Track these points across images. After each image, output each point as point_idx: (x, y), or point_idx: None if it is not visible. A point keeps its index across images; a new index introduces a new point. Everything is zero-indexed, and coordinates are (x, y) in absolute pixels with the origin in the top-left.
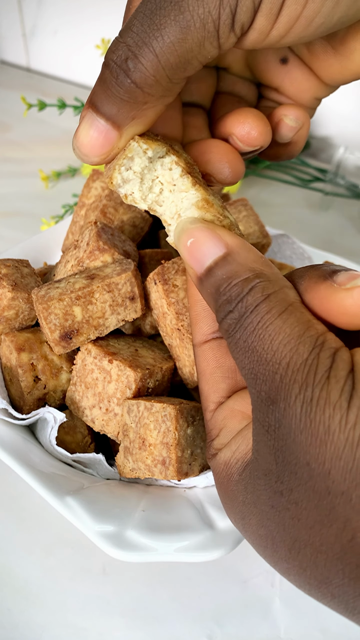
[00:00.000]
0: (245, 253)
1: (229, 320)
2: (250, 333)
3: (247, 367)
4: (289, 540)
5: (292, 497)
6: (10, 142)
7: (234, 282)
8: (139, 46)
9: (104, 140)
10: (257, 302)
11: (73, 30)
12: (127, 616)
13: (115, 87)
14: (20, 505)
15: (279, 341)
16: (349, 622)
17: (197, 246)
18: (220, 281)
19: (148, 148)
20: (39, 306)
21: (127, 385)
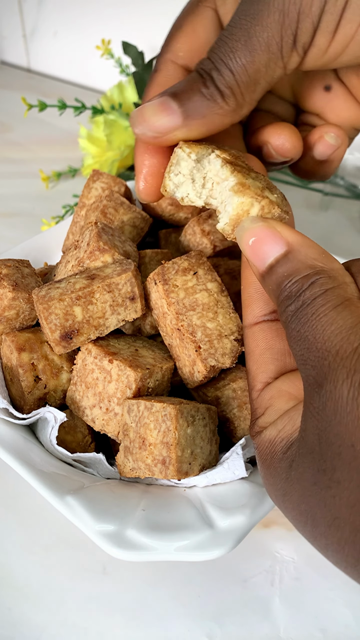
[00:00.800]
0: (306, 249)
1: (288, 312)
2: (304, 323)
3: (298, 354)
4: (329, 517)
5: (335, 476)
6: (10, 142)
7: (294, 279)
8: (219, 63)
9: (166, 120)
10: (314, 296)
11: (73, 31)
12: (127, 615)
13: (199, 87)
14: (21, 504)
15: (331, 331)
16: (349, 622)
17: (259, 245)
18: (281, 278)
19: (191, 152)
20: (39, 306)
21: (127, 385)
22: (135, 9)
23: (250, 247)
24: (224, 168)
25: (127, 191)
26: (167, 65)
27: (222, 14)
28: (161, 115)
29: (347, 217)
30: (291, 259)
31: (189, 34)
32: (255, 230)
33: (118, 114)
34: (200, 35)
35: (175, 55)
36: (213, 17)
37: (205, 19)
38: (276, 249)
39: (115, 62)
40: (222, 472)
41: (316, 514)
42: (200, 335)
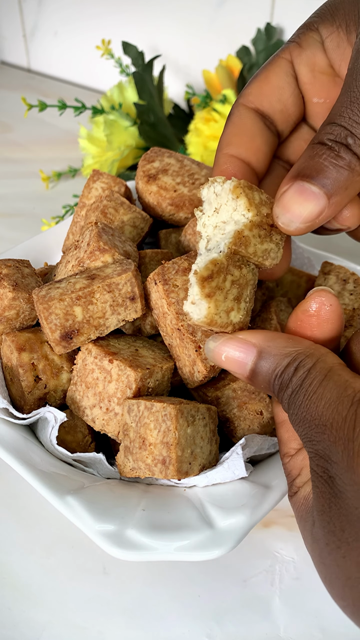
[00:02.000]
0: (274, 342)
1: (284, 401)
2: (299, 406)
3: (302, 433)
4: (343, 578)
5: (344, 536)
6: (10, 142)
7: (279, 372)
8: (354, 127)
9: (313, 207)
10: (301, 379)
11: (73, 31)
12: (127, 615)
13: (332, 160)
14: (21, 504)
15: (322, 406)
16: (349, 622)
17: (232, 357)
18: (267, 377)
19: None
20: (39, 306)
21: (127, 385)
22: (135, 9)
23: (225, 363)
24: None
25: (127, 191)
26: (239, 109)
27: (296, 64)
28: (306, 204)
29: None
30: (266, 357)
31: (261, 81)
32: (221, 347)
33: (118, 114)
34: (271, 82)
35: (246, 99)
36: (286, 66)
37: (278, 67)
38: (248, 355)
39: (116, 62)
40: (222, 472)
41: (332, 574)
42: (200, 335)
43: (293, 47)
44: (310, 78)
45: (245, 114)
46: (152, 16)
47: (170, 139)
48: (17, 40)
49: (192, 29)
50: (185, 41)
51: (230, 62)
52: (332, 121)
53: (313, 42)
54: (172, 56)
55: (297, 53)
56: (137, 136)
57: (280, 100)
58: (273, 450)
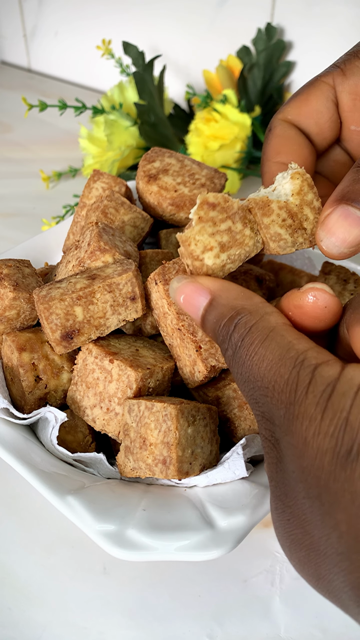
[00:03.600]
0: (226, 293)
1: (228, 357)
2: (241, 365)
3: (247, 394)
4: (288, 540)
5: (287, 500)
6: (11, 142)
7: (222, 324)
8: None
9: (358, 232)
10: (242, 336)
11: (74, 31)
12: (128, 615)
13: None
14: (21, 504)
15: (264, 368)
16: (349, 622)
17: (188, 299)
18: (213, 325)
19: None
20: (40, 306)
21: (127, 384)
22: (135, 9)
23: (183, 304)
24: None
25: (127, 191)
26: (280, 123)
27: (339, 91)
28: (350, 228)
29: None
30: (215, 305)
31: (301, 101)
32: (182, 288)
33: (118, 114)
34: (311, 104)
35: (284, 116)
36: (327, 91)
37: (319, 90)
38: (202, 300)
39: (116, 62)
40: (222, 472)
41: (281, 537)
42: (200, 335)
43: (337, 73)
44: (351, 106)
45: (287, 127)
46: (152, 16)
47: (170, 139)
48: (18, 40)
49: (193, 29)
50: (185, 41)
51: (231, 62)
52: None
53: (357, 71)
54: (173, 56)
55: (340, 80)
56: (138, 136)
57: (318, 123)
58: None
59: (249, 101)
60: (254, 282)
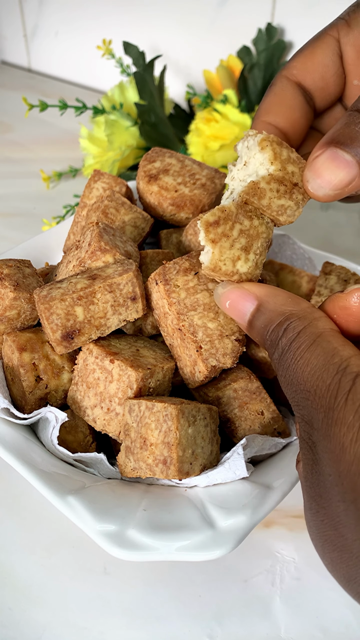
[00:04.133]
0: (274, 298)
1: (274, 360)
2: (287, 369)
3: (290, 396)
4: (322, 539)
5: (321, 502)
6: (11, 142)
7: (270, 329)
8: None
9: (345, 174)
10: (290, 341)
11: (74, 31)
12: (128, 615)
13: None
14: (22, 504)
15: (307, 372)
16: (349, 622)
17: (234, 306)
18: (261, 330)
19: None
20: (40, 306)
21: (128, 385)
22: (136, 9)
23: (229, 310)
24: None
25: (128, 191)
26: (282, 80)
27: (343, 43)
28: (337, 171)
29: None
30: (263, 311)
31: (306, 56)
32: (227, 294)
33: (119, 114)
34: (316, 58)
35: (289, 72)
36: (333, 44)
37: (324, 44)
38: (248, 306)
39: (116, 62)
40: (223, 472)
41: (314, 536)
42: (201, 335)
43: (341, 25)
44: (355, 59)
45: (287, 85)
46: (153, 16)
47: (171, 139)
48: (18, 40)
49: (193, 29)
50: (186, 41)
51: (231, 62)
52: None
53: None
54: (173, 56)
55: (345, 32)
56: (138, 136)
57: (323, 78)
58: (274, 451)
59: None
60: None
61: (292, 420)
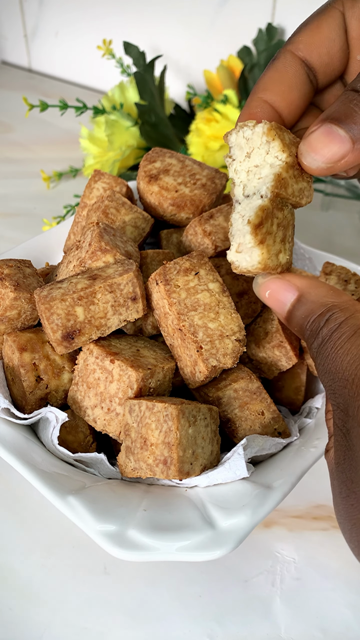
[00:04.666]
0: (316, 290)
1: (313, 349)
2: (326, 357)
3: (327, 385)
4: (350, 523)
5: (352, 487)
6: (11, 142)
7: (311, 320)
8: None
9: (337, 149)
10: (331, 331)
11: (74, 31)
12: (128, 615)
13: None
14: (22, 504)
15: (347, 361)
16: (350, 622)
17: (274, 295)
18: (301, 320)
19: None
20: (41, 306)
21: (128, 385)
22: (136, 9)
23: (268, 299)
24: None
25: (128, 191)
26: (285, 55)
27: (348, 16)
28: (331, 145)
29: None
30: (304, 302)
31: (312, 30)
32: (268, 284)
33: (119, 114)
34: (322, 32)
35: (295, 47)
36: (339, 18)
37: (330, 17)
38: (289, 296)
39: (117, 62)
40: (223, 472)
41: (343, 520)
42: (201, 335)
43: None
44: (359, 34)
45: (290, 62)
46: (153, 16)
47: (171, 139)
48: (18, 41)
49: (194, 29)
50: (186, 41)
51: (232, 63)
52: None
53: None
54: (174, 56)
55: (350, 5)
56: (138, 136)
57: (329, 53)
58: (274, 451)
59: None
60: None
61: (292, 420)
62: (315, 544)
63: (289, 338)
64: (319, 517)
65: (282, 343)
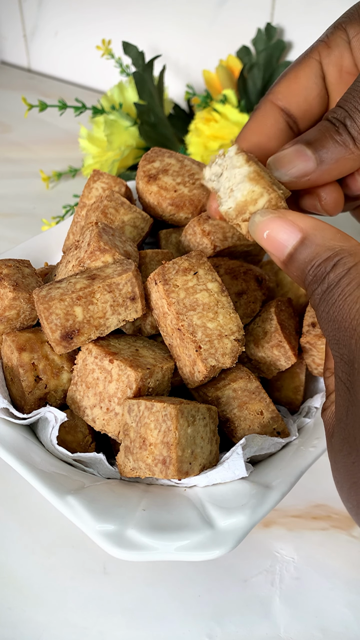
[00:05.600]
0: (322, 232)
1: (316, 295)
2: (331, 305)
3: (330, 334)
4: (350, 482)
5: (355, 444)
6: (11, 142)
7: (317, 263)
8: (353, 112)
9: (302, 166)
10: (339, 277)
11: (74, 31)
12: (128, 615)
13: (332, 134)
14: (21, 504)
15: (356, 309)
16: (350, 622)
17: (274, 236)
18: (303, 264)
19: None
20: (40, 306)
21: (127, 384)
22: (135, 9)
23: (266, 240)
24: (239, 156)
25: (127, 191)
26: (266, 105)
27: (324, 64)
28: (297, 162)
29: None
30: (308, 244)
31: (290, 80)
32: (267, 223)
33: (118, 114)
34: (300, 82)
35: (274, 97)
36: (316, 67)
37: (307, 67)
38: (292, 237)
39: (116, 62)
40: (222, 471)
41: (342, 478)
42: (200, 335)
43: (322, 47)
44: (337, 78)
45: (269, 112)
46: (152, 16)
47: (170, 139)
48: (18, 41)
49: (193, 29)
50: (185, 41)
51: (231, 62)
52: (338, 105)
53: (341, 42)
54: (173, 56)
55: (326, 53)
56: (138, 136)
57: (307, 100)
58: (273, 450)
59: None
60: (254, 282)
61: (291, 420)
62: (314, 544)
63: (288, 338)
64: (319, 517)
65: (281, 343)
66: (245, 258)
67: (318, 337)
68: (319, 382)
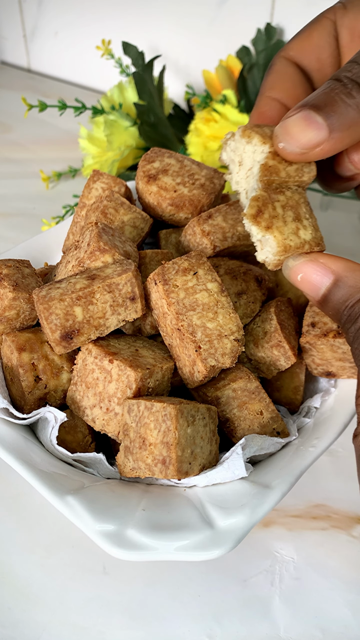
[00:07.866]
0: (353, 274)
1: (350, 333)
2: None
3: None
4: None
5: None
6: (11, 142)
7: (350, 304)
8: None
9: (314, 135)
10: None
11: (73, 31)
12: (128, 615)
13: (344, 97)
14: (21, 504)
15: None
16: (349, 622)
17: (307, 279)
18: (337, 305)
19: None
20: (40, 306)
21: (127, 385)
22: (135, 9)
23: (300, 283)
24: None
25: (127, 191)
26: (281, 60)
27: (339, 25)
28: (307, 130)
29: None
30: (342, 286)
31: (303, 38)
32: (300, 267)
33: (118, 114)
34: (313, 39)
35: (286, 53)
36: (329, 27)
37: (321, 26)
38: (325, 280)
39: (116, 63)
40: (222, 471)
41: None
42: (200, 335)
43: (338, 7)
44: (349, 41)
45: (287, 64)
46: (152, 16)
47: (170, 139)
48: (18, 41)
49: (192, 29)
50: (185, 41)
51: (230, 63)
52: (353, 60)
53: (357, 4)
54: (172, 56)
55: (341, 14)
56: (137, 136)
57: (319, 59)
58: (273, 450)
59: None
60: (254, 282)
61: (291, 420)
62: (314, 544)
63: (288, 338)
64: (318, 517)
65: (280, 343)
66: (245, 258)
67: (318, 337)
68: (319, 382)
